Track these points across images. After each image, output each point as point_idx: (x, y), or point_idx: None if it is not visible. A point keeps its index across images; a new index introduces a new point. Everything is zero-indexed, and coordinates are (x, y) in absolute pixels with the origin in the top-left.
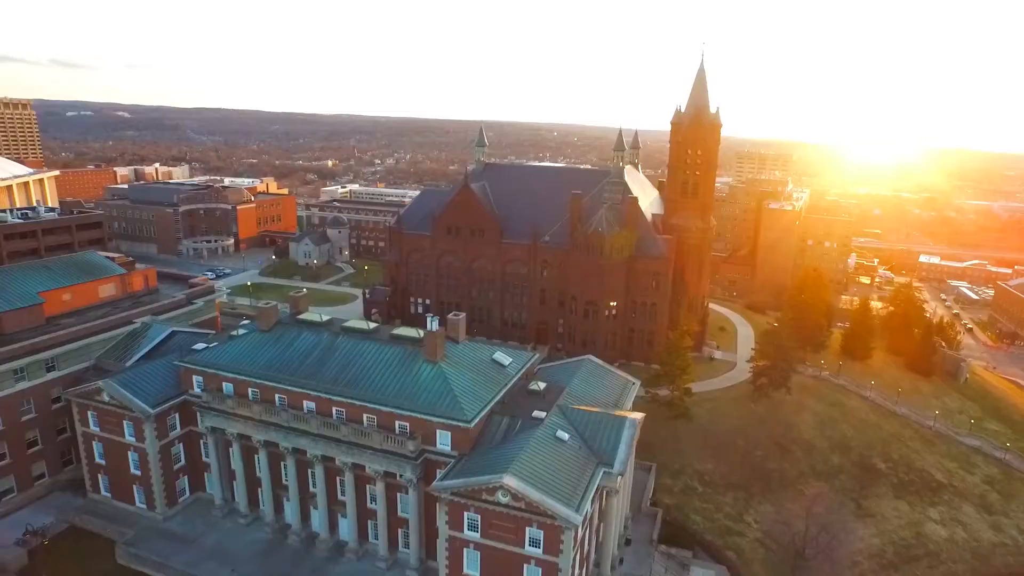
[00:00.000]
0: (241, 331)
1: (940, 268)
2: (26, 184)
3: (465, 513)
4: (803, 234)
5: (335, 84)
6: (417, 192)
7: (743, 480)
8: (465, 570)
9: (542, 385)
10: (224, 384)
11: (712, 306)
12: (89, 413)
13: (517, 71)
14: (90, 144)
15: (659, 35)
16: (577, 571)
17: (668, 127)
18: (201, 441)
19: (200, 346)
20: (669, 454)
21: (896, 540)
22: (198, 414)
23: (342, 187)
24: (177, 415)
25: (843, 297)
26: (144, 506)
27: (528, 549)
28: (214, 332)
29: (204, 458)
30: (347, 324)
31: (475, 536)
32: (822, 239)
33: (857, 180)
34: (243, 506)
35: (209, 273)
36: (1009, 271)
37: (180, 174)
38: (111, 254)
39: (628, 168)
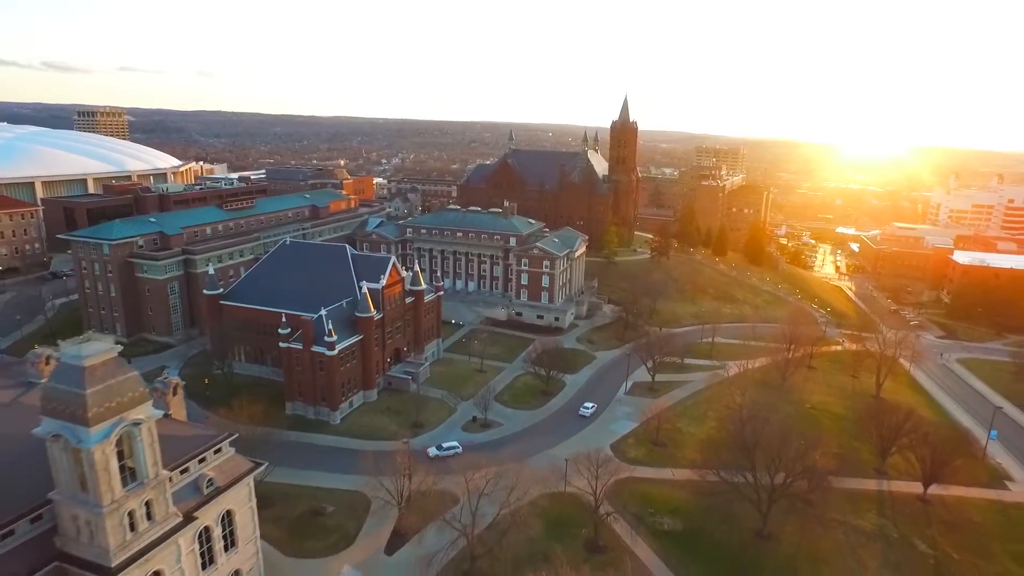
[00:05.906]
0: (410, 218)
1: (847, 236)
2: (188, 170)
3: (522, 258)
4: (728, 204)
5: (332, 87)
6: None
7: (641, 291)
8: (522, 282)
9: (548, 230)
10: (421, 230)
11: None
12: (364, 244)
13: (514, 73)
14: None
15: (659, 36)
16: (562, 282)
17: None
18: (407, 255)
19: (402, 221)
20: (605, 279)
21: (699, 312)
22: (409, 243)
23: None
24: (401, 244)
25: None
26: None
27: (544, 269)
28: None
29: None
30: (470, 209)
31: (526, 267)
32: (742, 207)
33: (845, 176)
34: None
35: None
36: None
37: (221, 170)
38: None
39: (590, 151)
